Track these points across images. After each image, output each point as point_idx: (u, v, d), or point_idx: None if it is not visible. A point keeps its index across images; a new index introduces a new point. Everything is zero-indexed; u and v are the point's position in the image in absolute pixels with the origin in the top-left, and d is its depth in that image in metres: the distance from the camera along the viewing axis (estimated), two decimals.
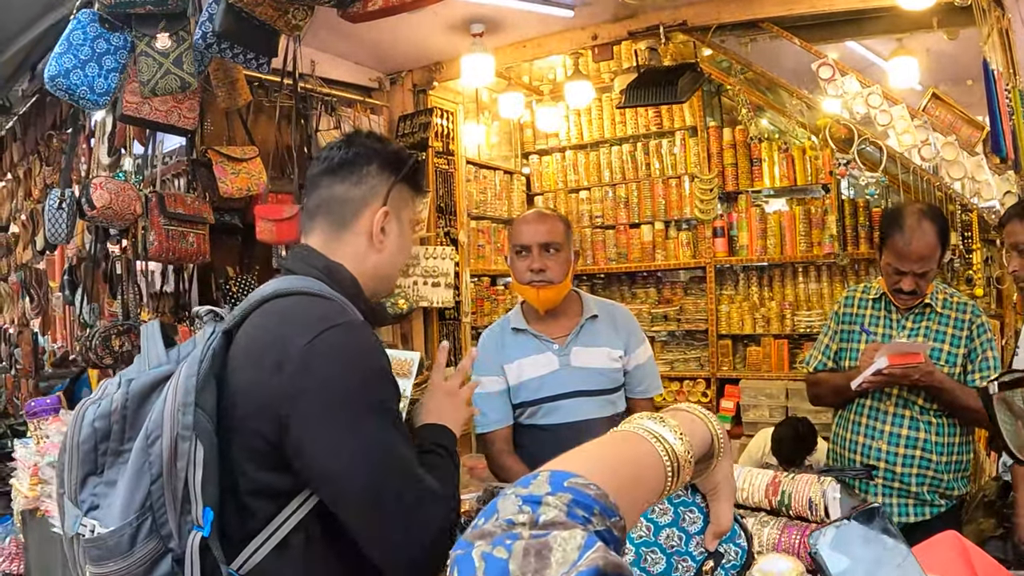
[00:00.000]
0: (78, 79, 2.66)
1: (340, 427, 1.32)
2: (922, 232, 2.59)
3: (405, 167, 1.59)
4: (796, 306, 5.31)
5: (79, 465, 1.34)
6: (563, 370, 2.60)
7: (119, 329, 3.39)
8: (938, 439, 2.64)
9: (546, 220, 2.64)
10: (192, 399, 1.30)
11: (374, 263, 1.56)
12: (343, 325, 1.39)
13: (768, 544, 1.81)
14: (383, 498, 1.31)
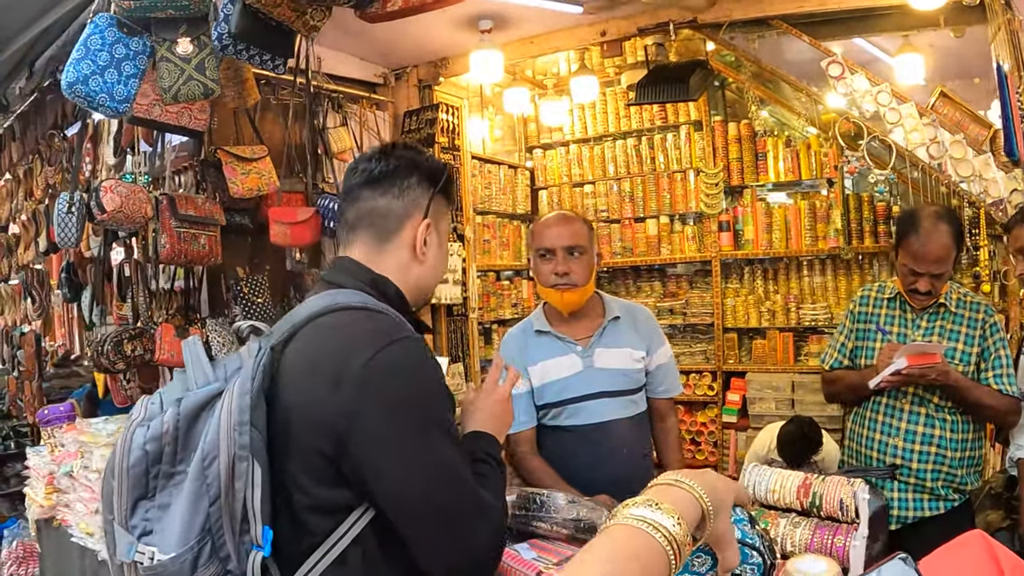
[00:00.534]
0: (97, 85, 2.61)
1: (401, 444, 1.32)
2: (938, 234, 2.62)
3: (442, 179, 1.59)
4: (801, 299, 5.32)
5: (129, 490, 1.31)
6: (587, 371, 2.61)
7: (131, 333, 3.35)
8: (953, 435, 2.68)
9: (570, 223, 2.64)
10: (248, 418, 1.28)
11: (416, 275, 1.57)
12: (402, 341, 1.38)
13: (800, 545, 1.85)
14: (443, 514, 1.33)
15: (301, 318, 1.42)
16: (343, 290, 1.48)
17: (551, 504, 1.99)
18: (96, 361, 3.32)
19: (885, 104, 3.71)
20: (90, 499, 2.79)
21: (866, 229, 4.97)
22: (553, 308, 2.70)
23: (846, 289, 5.18)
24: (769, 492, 2.00)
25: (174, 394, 1.37)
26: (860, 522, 1.84)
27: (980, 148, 3.62)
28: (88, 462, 2.86)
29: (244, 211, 3.86)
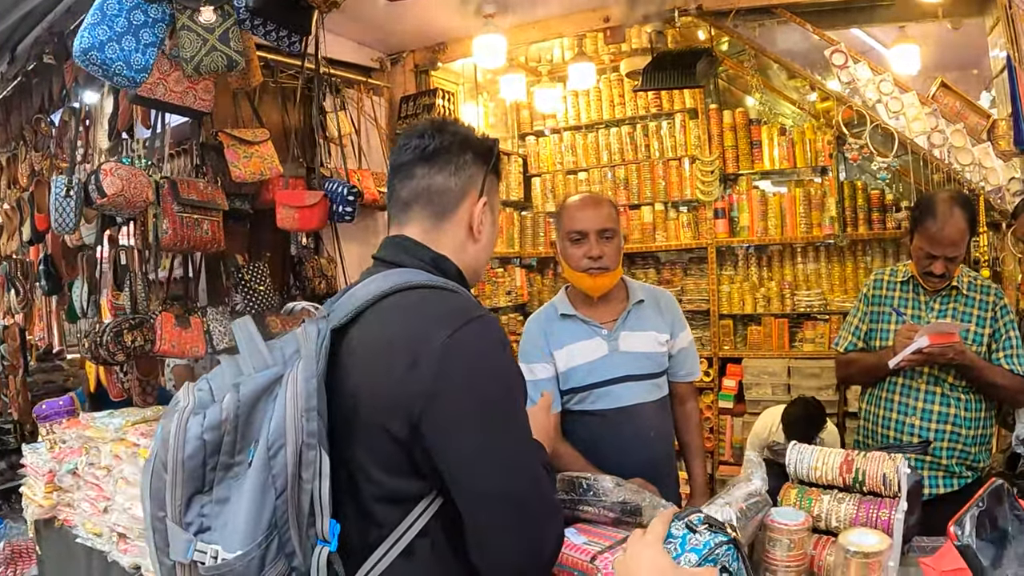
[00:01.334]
0: (113, 53, 2.47)
1: (480, 428, 1.27)
2: (954, 219, 2.67)
3: (494, 156, 1.56)
4: (796, 286, 5.37)
5: (184, 484, 1.23)
6: (612, 355, 2.61)
7: (131, 323, 3.24)
8: (967, 414, 2.74)
9: (601, 205, 2.61)
10: (315, 403, 1.23)
11: (473, 253, 1.54)
12: (481, 319, 1.33)
13: (846, 519, 1.88)
14: (518, 506, 1.28)
15: (365, 299, 1.36)
16: (405, 269, 1.43)
17: (599, 488, 1.97)
18: (94, 353, 3.20)
19: (887, 93, 3.75)
20: (97, 497, 2.68)
21: (860, 217, 5.02)
22: (577, 292, 2.69)
23: (840, 276, 5.23)
24: (811, 470, 2.01)
25: (225, 380, 1.30)
26: (901, 496, 1.86)
27: (979, 137, 3.68)
28: (94, 458, 2.74)
29: (244, 196, 3.79)
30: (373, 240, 4.96)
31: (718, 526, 1.35)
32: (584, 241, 2.55)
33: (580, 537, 1.87)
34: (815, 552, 1.86)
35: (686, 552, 1.29)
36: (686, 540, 1.30)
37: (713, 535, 1.33)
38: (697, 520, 1.33)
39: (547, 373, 2.61)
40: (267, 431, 1.23)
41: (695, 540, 1.30)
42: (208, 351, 3.51)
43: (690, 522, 1.32)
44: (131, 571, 2.48)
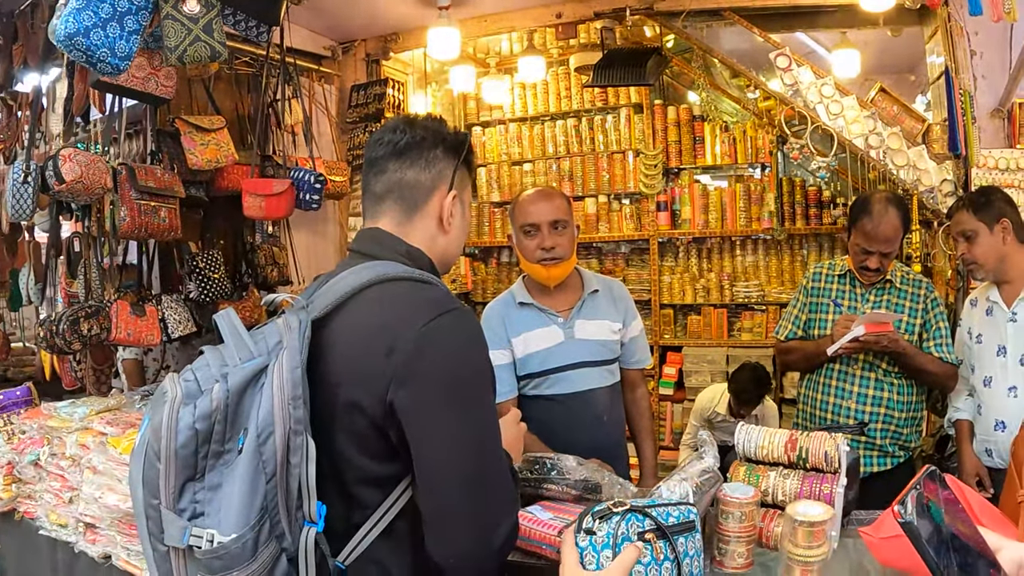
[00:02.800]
0: (99, 39, 2.44)
1: (448, 412, 1.32)
2: (888, 218, 2.86)
3: (465, 149, 1.60)
4: (735, 278, 5.57)
5: (177, 472, 1.26)
6: (568, 342, 2.71)
7: (87, 311, 3.20)
8: (899, 398, 2.93)
9: (553, 197, 2.71)
10: (300, 392, 1.28)
11: (443, 245, 1.59)
12: (456, 311, 1.38)
13: (791, 493, 2.04)
14: (477, 489, 1.32)
15: (344, 291, 1.40)
16: (382, 262, 1.47)
17: (562, 467, 2.09)
18: (49, 342, 3.15)
19: (828, 96, 3.94)
20: (62, 488, 2.62)
21: (798, 212, 5.25)
22: (534, 281, 2.78)
23: (777, 268, 5.45)
24: (758, 448, 2.16)
25: (211, 370, 1.32)
26: (841, 471, 2.02)
27: (915, 140, 3.90)
28: (57, 449, 2.67)
29: (199, 183, 3.78)
30: (322, 229, 4.99)
31: (604, 512, 1.36)
32: (537, 233, 2.64)
33: (546, 513, 1.99)
34: (763, 524, 2.02)
35: (601, 553, 1.31)
36: (594, 545, 1.31)
37: (606, 522, 1.35)
38: (590, 522, 1.34)
39: (504, 359, 2.71)
40: (256, 419, 1.27)
41: (599, 539, 1.32)
42: (163, 339, 3.51)
43: (587, 528, 1.33)
44: (100, 561, 2.46)
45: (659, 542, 1.41)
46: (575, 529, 1.34)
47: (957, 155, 3.69)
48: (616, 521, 1.36)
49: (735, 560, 1.90)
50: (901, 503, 1.16)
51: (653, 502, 1.50)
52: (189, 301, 3.71)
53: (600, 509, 1.37)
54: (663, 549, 1.42)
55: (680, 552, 1.45)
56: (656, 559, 1.40)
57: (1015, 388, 2.74)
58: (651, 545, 1.39)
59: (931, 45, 3.94)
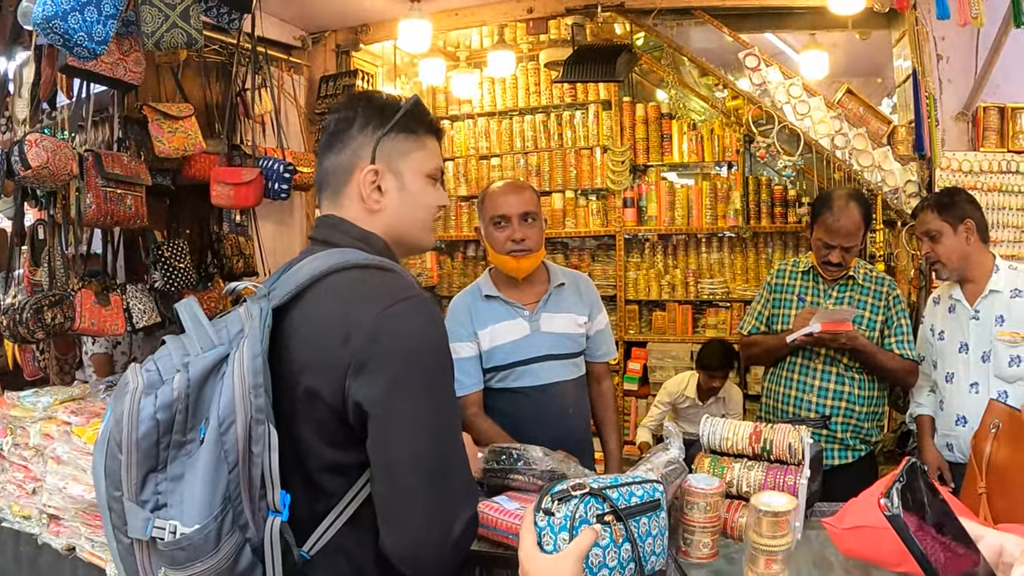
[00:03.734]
0: (76, 23, 2.39)
1: (406, 401, 1.30)
2: (849, 212, 2.92)
3: (392, 118, 1.51)
4: (700, 274, 5.63)
5: (139, 463, 1.25)
6: (534, 335, 2.74)
7: (51, 300, 3.14)
8: (860, 392, 3.00)
9: (522, 190, 2.73)
10: (262, 380, 1.27)
11: (383, 224, 1.52)
12: (413, 299, 1.36)
13: (755, 484, 2.08)
14: (433, 478, 1.29)
15: (304, 279, 1.39)
16: (340, 249, 1.46)
17: (528, 457, 2.10)
18: (12, 330, 3.07)
19: (796, 96, 4.01)
20: (25, 479, 2.61)
21: (763, 210, 5.32)
22: (501, 274, 2.80)
23: (742, 266, 5.53)
24: (723, 440, 2.20)
25: (172, 360, 1.32)
26: (804, 463, 2.07)
27: (880, 141, 4.00)
28: (20, 439, 2.65)
29: (166, 171, 3.74)
30: (289, 219, 4.95)
31: (563, 494, 1.37)
32: (507, 225, 2.66)
33: (512, 503, 2.00)
34: (728, 515, 2.07)
35: (558, 534, 1.31)
36: (552, 526, 1.32)
37: (565, 503, 1.35)
38: (549, 502, 1.34)
39: (470, 352, 2.73)
40: (217, 408, 1.26)
41: (557, 520, 1.32)
42: (127, 329, 3.46)
43: (546, 508, 1.33)
44: (64, 553, 2.43)
45: (618, 524, 1.43)
46: (534, 508, 1.34)
47: (922, 156, 3.79)
48: (575, 504, 1.36)
49: (700, 550, 1.94)
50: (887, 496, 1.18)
51: (616, 481, 1.51)
52: (154, 291, 3.67)
53: (559, 490, 1.37)
54: (623, 531, 1.43)
55: (642, 533, 1.47)
56: (615, 541, 1.42)
57: (976, 384, 2.81)
58: (610, 527, 1.41)
59: (898, 48, 4.04)
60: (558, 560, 1.25)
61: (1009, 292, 2.80)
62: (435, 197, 1.59)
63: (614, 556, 1.39)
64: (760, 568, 1.76)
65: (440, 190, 1.61)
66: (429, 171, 1.56)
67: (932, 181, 3.78)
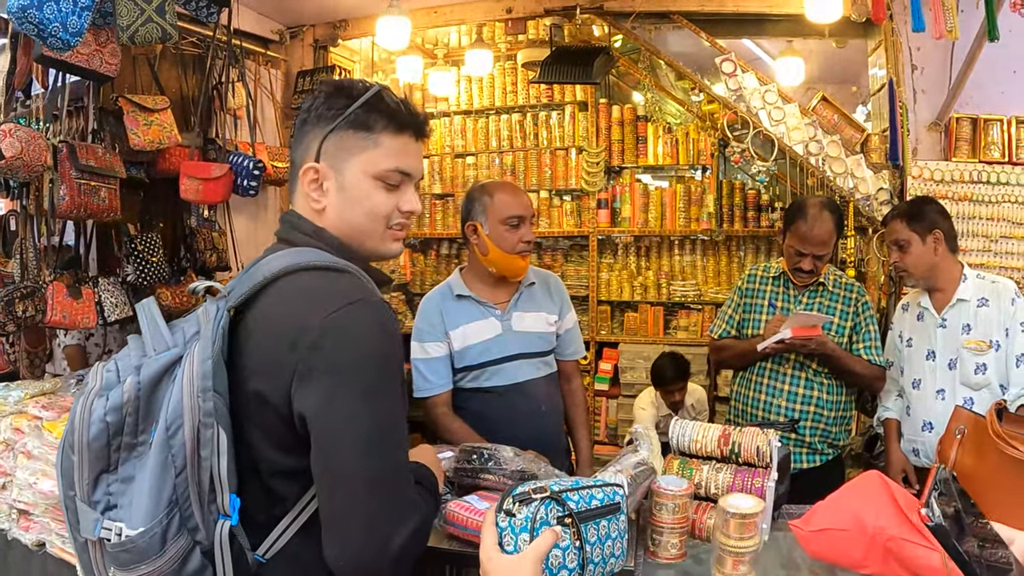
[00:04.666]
0: (51, 13, 2.38)
1: (348, 408, 1.26)
2: (822, 221, 2.98)
3: (343, 114, 1.44)
4: (672, 276, 5.68)
5: (90, 464, 1.27)
6: (505, 335, 2.77)
7: (23, 292, 3.10)
8: (829, 397, 3.06)
9: (523, 192, 2.83)
10: (210, 384, 1.26)
11: (331, 220, 1.48)
12: (359, 303, 1.32)
13: (723, 486, 2.13)
14: (370, 489, 1.26)
15: (258, 279, 1.36)
16: (297, 249, 1.44)
17: (499, 456, 2.13)
18: None
19: (771, 103, 4.07)
20: None
21: (736, 214, 5.38)
22: (472, 273, 2.83)
23: (714, 269, 5.58)
24: (692, 442, 2.25)
25: (131, 361, 1.33)
26: (772, 466, 2.12)
27: (853, 149, 4.07)
28: None
29: (140, 164, 3.71)
30: (263, 215, 4.93)
31: (524, 496, 1.39)
32: (521, 225, 2.71)
33: (483, 503, 2.03)
34: (696, 516, 2.11)
35: (519, 535, 1.34)
36: (513, 527, 1.34)
37: (527, 506, 1.37)
38: (510, 503, 1.37)
39: (440, 352, 2.76)
40: (166, 411, 1.26)
41: (518, 521, 1.35)
42: (99, 323, 3.44)
43: (507, 509, 1.36)
44: (34, 549, 2.42)
45: (579, 525, 1.45)
46: (496, 508, 1.37)
47: (896, 165, 3.85)
48: (535, 505, 1.38)
49: (668, 551, 1.97)
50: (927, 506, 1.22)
51: (577, 484, 1.54)
52: (126, 284, 3.64)
53: (520, 492, 1.40)
54: (583, 532, 1.46)
55: (601, 535, 1.50)
56: (574, 543, 1.44)
57: (943, 391, 2.88)
58: (569, 529, 1.43)
59: (874, 58, 4.11)
60: (518, 560, 1.29)
61: (976, 301, 2.86)
62: (383, 202, 1.48)
63: (574, 557, 1.42)
64: (727, 569, 1.80)
65: (398, 194, 1.50)
66: (378, 172, 1.46)
67: (904, 189, 3.85)
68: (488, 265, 2.76)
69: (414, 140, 1.51)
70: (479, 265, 2.80)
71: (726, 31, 4.35)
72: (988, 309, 2.84)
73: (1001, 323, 2.80)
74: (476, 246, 2.76)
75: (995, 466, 2.15)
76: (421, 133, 1.53)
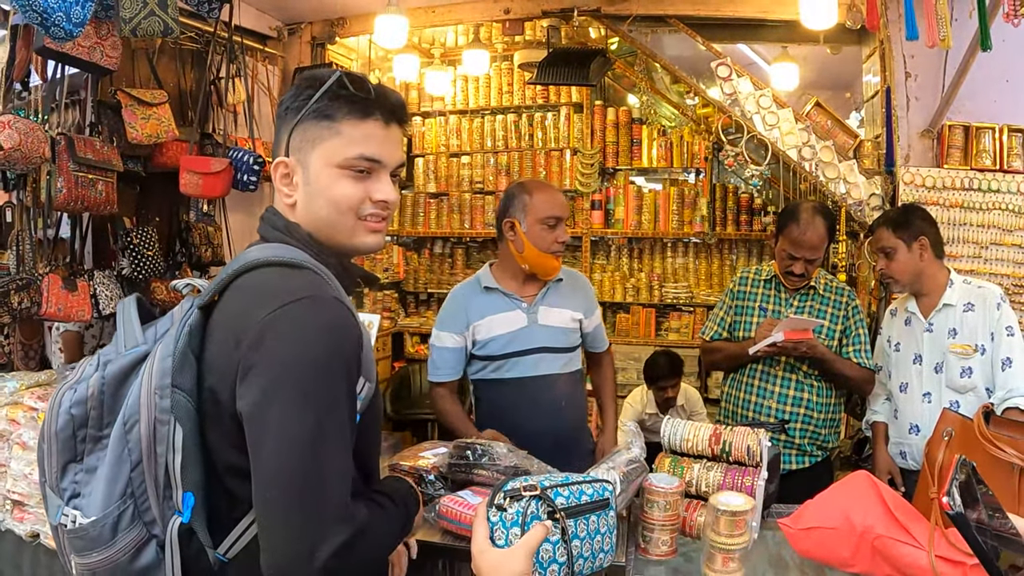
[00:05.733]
0: (55, 2, 2.40)
1: (272, 409, 1.22)
2: (815, 226, 3.00)
3: (304, 108, 1.40)
4: (664, 278, 5.73)
5: (58, 453, 1.30)
6: (531, 327, 2.81)
7: (18, 284, 3.13)
8: (819, 399, 3.09)
9: (561, 194, 2.88)
10: (168, 381, 1.26)
11: (301, 214, 1.44)
12: (306, 300, 1.28)
13: (714, 485, 2.15)
14: (299, 491, 1.21)
15: (227, 275, 1.36)
16: (268, 244, 1.42)
17: (493, 452, 2.16)
18: None
19: (766, 107, 4.10)
20: None
21: (729, 217, 5.43)
22: (502, 268, 2.88)
23: (706, 271, 5.63)
24: (683, 441, 2.28)
25: (108, 356, 1.36)
26: (762, 465, 2.15)
27: (846, 155, 4.10)
28: None
29: (137, 158, 3.72)
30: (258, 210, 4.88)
31: (515, 492, 1.40)
32: (558, 226, 2.76)
33: (476, 498, 2.05)
34: (687, 513, 2.14)
35: (509, 530, 1.36)
36: (504, 521, 1.36)
37: (517, 502, 1.39)
38: (501, 498, 1.38)
39: (455, 344, 2.81)
40: (126, 406, 1.29)
41: (509, 515, 1.37)
42: (94, 316, 3.45)
43: (499, 504, 1.38)
44: (28, 539, 2.42)
45: (569, 520, 1.47)
46: (487, 503, 1.39)
47: (891, 171, 3.89)
48: (526, 501, 1.40)
49: (659, 548, 2.00)
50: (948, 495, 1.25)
51: (567, 480, 1.56)
52: (121, 277, 3.66)
53: (511, 488, 1.42)
54: (572, 527, 1.48)
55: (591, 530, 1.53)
56: (563, 538, 1.46)
57: (929, 394, 2.91)
58: (559, 524, 1.45)
59: (868, 64, 4.15)
60: (509, 554, 1.31)
61: (962, 306, 2.90)
62: (349, 192, 1.41)
63: (564, 551, 1.44)
64: (717, 566, 1.83)
65: (369, 183, 1.43)
66: (341, 162, 1.39)
67: (896, 195, 3.89)
68: (522, 262, 2.79)
69: (383, 125, 1.42)
70: (512, 261, 2.83)
71: (722, 35, 4.39)
72: (974, 314, 2.87)
73: (987, 327, 2.84)
74: (512, 243, 2.79)
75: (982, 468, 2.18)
76: (393, 117, 1.44)
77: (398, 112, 1.45)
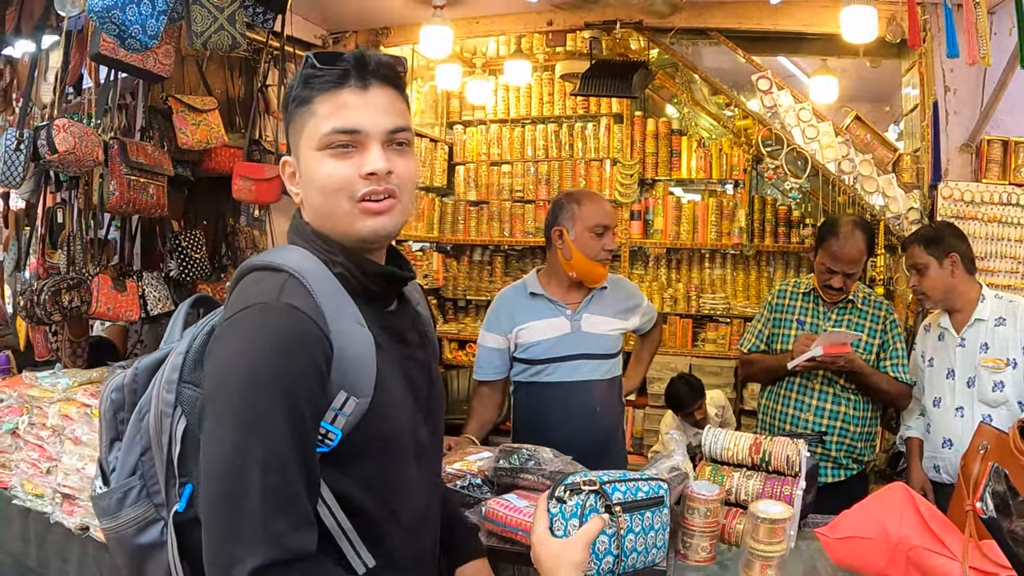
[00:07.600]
0: (133, 15, 2.45)
1: (210, 424, 1.21)
2: (854, 240, 3.01)
3: (289, 102, 1.35)
4: (702, 289, 5.73)
5: (106, 431, 1.42)
6: (574, 334, 2.85)
7: (69, 283, 3.22)
8: (855, 413, 3.08)
9: (609, 203, 2.93)
10: (176, 377, 1.32)
11: (308, 210, 1.37)
12: (255, 307, 1.22)
13: (753, 493, 2.17)
14: (222, 516, 1.16)
15: (231, 283, 1.39)
16: (286, 246, 1.40)
17: (539, 457, 2.20)
18: (30, 311, 3.16)
19: (805, 120, 4.10)
20: (40, 458, 2.63)
21: (767, 229, 5.42)
22: (549, 274, 2.92)
23: (744, 283, 5.61)
24: (724, 450, 2.29)
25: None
26: (801, 474, 2.16)
27: (885, 168, 4.09)
28: (37, 419, 2.67)
29: (186, 163, 3.81)
30: None
31: (574, 487, 1.47)
32: (605, 234, 2.79)
33: (522, 501, 2.08)
34: (726, 521, 2.15)
35: (568, 521, 1.42)
36: (564, 512, 1.43)
37: (577, 496, 1.46)
38: (562, 491, 1.45)
39: (497, 344, 2.89)
40: (144, 397, 1.39)
41: (569, 507, 1.43)
42: (141, 316, 3.53)
43: (559, 496, 1.44)
44: (78, 532, 2.47)
45: (624, 515, 1.53)
46: (548, 495, 1.45)
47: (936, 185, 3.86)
48: (583, 498, 1.47)
49: (698, 554, 2.02)
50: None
51: (624, 476, 1.61)
52: (169, 279, 3.74)
53: (571, 482, 1.49)
54: (627, 521, 1.54)
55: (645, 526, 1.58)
56: (619, 531, 1.52)
57: (962, 408, 2.90)
58: (616, 517, 1.51)
59: (907, 78, 4.13)
60: (567, 544, 1.37)
61: (994, 321, 2.90)
62: (333, 172, 1.29)
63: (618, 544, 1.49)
64: (756, 572, 1.84)
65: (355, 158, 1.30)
66: (318, 142, 1.29)
67: (934, 209, 3.86)
68: (569, 270, 2.82)
69: (359, 90, 1.29)
70: (559, 268, 2.86)
71: (762, 48, 4.39)
72: (1005, 328, 2.88)
73: (1018, 341, 2.84)
74: (560, 250, 2.82)
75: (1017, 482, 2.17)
76: (374, 77, 1.29)
77: (381, 70, 1.30)
